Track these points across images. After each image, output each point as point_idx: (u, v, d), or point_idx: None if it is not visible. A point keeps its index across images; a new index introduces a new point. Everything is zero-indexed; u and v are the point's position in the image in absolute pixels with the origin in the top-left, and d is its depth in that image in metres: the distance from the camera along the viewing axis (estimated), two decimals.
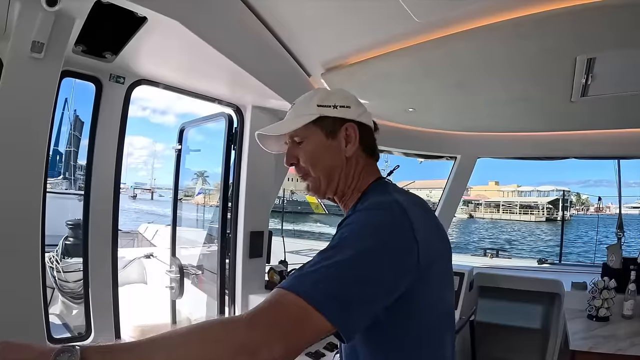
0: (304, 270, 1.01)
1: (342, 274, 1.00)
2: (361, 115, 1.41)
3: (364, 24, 2.42)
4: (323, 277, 0.98)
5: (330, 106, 1.39)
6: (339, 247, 1.05)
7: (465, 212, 69.19)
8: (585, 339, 3.14)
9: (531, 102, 3.34)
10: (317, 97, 1.42)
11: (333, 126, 1.39)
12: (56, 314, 3.88)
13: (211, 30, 2.13)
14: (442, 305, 1.28)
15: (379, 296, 1.05)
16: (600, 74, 2.58)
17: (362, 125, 1.41)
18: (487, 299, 4.79)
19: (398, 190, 1.33)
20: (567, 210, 63.31)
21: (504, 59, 2.57)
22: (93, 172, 2.67)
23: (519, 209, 65.29)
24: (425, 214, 1.23)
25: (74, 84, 2.73)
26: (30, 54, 1.82)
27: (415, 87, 3.19)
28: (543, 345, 4.64)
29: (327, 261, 1.01)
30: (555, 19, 2.02)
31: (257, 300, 3.24)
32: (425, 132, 4.47)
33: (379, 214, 1.15)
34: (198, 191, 7.35)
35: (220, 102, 3.24)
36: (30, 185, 1.94)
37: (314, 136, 1.41)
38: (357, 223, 1.13)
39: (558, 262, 6.21)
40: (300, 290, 0.95)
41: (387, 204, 1.18)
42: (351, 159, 1.40)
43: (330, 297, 0.96)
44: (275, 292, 0.98)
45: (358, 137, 1.39)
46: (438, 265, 1.20)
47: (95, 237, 2.70)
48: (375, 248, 1.06)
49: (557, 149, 4.49)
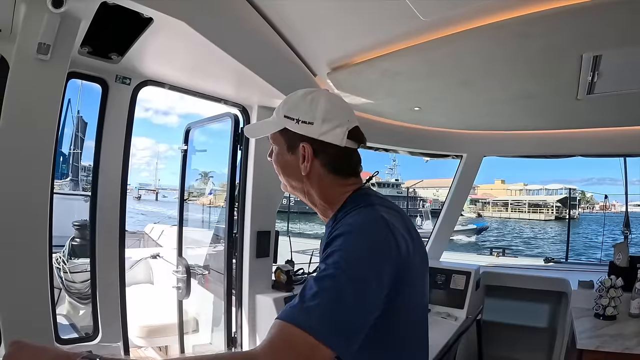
0: (306, 302, 1.04)
1: (344, 307, 1.05)
2: (325, 133, 1.34)
3: (370, 23, 2.41)
4: (327, 312, 1.03)
5: (294, 119, 1.36)
6: (335, 277, 1.08)
7: (473, 211, 68.93)
8: (592, 337, 3.12)
9: (537, 100, 3.31)
10: (286, 107, 1.41)
11: (293, 141, 1.39)
12: (63, 315, 3.88)
13: (217, 31, 2.13)
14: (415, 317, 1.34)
15: (373, 317, 1.12)
16: (606, 71, 2.56)
17: (325, 144, 1.36)
18: (494, 298, 4.78)
19: (380, 201, 1.34)
20: (575, 208, 62.94)
21: (509, 57, 2.55)
22: (100, 172, 2.68)
23: (527, 207, 64.98)
24: (406, 227, 1.29)
25: (77, 85, 2.73)
26: (36, 56, 1.82)
27: (421, 85, 3.18)
28: (550, 344, 4.62)
29: (327, 294, 1.05)
30: (561, 16, 2.01)
31: (263, 300, 3.25)
32: (431, 130, 4.46)
33: (368, 238, 1.18)
34: (209, 191, 7.37)
35: (227, 102, 3.24)
36: (37, 187, 1.94)
37: (279, 146, 1.44)
38: (349, 251, 1.14)
39: (564, 261, 6.17)
40: (307, 326, 0.99)
41: (374, 224, 1.21)
42: (311, 176, 1.40)
43: (337, 331, 1.02)
44: (285, 329, 1.01)
45: (310, 158, 1.36)
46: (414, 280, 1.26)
47: (102, 237, 2.71)
48: (369, 275, 1.11)
49: (563, 147, 4.47)
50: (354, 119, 1.42)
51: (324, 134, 1.34)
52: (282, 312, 1.05)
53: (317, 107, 1.36)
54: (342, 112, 1.39)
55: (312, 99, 1.38)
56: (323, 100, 1.37)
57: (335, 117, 1.36)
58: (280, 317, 1.03)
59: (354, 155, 1.44)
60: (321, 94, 1.40)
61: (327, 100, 1.38)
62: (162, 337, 4.51)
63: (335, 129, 1.35)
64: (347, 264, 1.10)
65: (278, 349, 0.99)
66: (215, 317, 3.99)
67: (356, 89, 3.28)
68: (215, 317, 3.99)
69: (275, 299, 3.24)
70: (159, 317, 4.56)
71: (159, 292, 5.56)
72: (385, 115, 4.04)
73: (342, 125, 1.36)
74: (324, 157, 1.37)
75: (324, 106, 1.36)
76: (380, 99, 3.53)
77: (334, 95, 1.44)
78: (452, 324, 3.69)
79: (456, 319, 3.81)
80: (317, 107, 1.36)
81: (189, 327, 4.19)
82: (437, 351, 2.80)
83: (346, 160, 1.42)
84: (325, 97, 1.39)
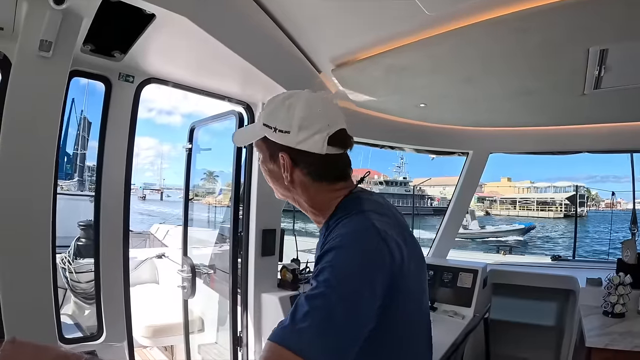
0: (297, 322, 1.03)
1: (335, 326, 1.03)
2: (302, 142, 1.29)
3: (374, 18, 2.39)
4: (318, 332, 1.01)
5: (272, 128, 1.33)
6: (326, 296, 1.06)
7: (481, 209, 68.77)
8: (601, 335, 3.10)
9: (542, 96, 3.30)
10: (265, 114, 1.37)
11: (273, 150, 1.37)
12: (68, 314, 3.89)
13: (220, 27, 2.12)
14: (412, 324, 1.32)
15: (367, 330, 1.10)
16: (613, 65, 2.53)
17: (303, 152, 1.31)
18: (501, 297, 4.75)
19: (372, 206, 1.31)
20: (583, 206, 62.65)
21: (515, 51, 2.52)
22: (103, 172, 2.67)
23: (536, 205, 64.70)
24: (400, 233, 1.27)
25: (81, 84, 2.72)
26: (38, 53, 1.82)
27: (426, 81, 3.15)
28: (558, 342, 4.60)
29: (318, 313, 1.03)
30: (567, 9, 1.98)
31: (269, 299, 3.24)
32: (436, 127, 4.43)
33: (360, 254, 1.15)
34: (219, 191, 7.37)
35: (231, 100, 3.22)
36: (39, 186, 1.94)
37: (262, 154, 1.43)
38: (340, 267, 1.12)
39: (572, 259, 6.14)
40: (298, 348, 0.98)
41: (366, 236, 1.18)
42: (295, 185, 1.37)
43: (328, 351, 1.01)
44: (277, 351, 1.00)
45: (289, 168, 1.34)
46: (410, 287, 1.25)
47: (106, 237, 2.70)
48: (361, 289, 1.09)
49: (569, 143, 4.44)
50: (337, 121, 1.35)
51: (301, 143, 1.30)
52: (273, 333, 1.04)
53: (294, 115, 1.30)
54: (320, 117, 1.32)
55: (289, 105, 1.33)
56: (300, 106, 1.32)
57: (313, 123, 1.30)
58: (271, 339, 1.03)
59: (340, 160, 1.39)
60: (299, 99, 1.33)
61: (305, 105, 1.32)
62: (167, 336, 4.52)
63: (313, 137, 1.29)
64: (337, 280, 1.08)
65: None
66: (220, 317, 3.99)
67: (361, 85, 3.26)
68: (220, 317, 3.99)
69: (281, 297, 3.23)
70: (164, 317, 4.56)
71: (165, 292, 5.56)
72: (390, 112, 4.02)
73: (322, 131, 1.30)
74: (305, 166, 1.34)
75: (301, 113, 1.30)
76: (385, 96, 3.51)
77: (315, 98, 1.36)
78: (460, 322, 3.67)
79: (463, 317, 3.78)
80: (294, 115, 1.30)
81: (194, 327, 4.19)
82: (444, 350, 2.79)
83: (330, 167, 1.36)
84: (303, 103, 1.33)
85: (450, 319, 3.76)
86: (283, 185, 1.39)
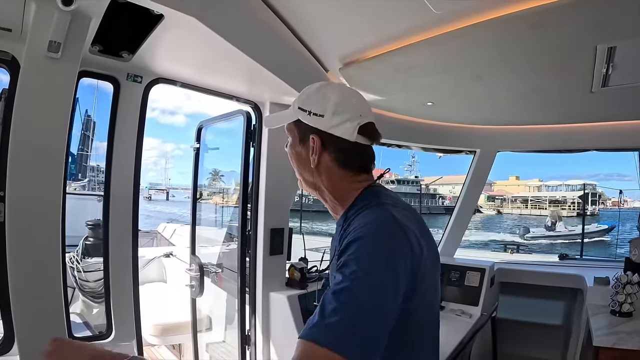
0: (326, 318, 1.03)
1: (365, 320, 1.04)
2: (335, 127, 1.35)
3: (382, 17, 2.38)
4: (348, 326, 1.01)
5: (306, 111, 1.38)
6: (353, 290, 1.07)
7: (492, 208, 68.46)
8: (608, 334, 3.08)
9: (551, 94, 3.28)
10: (301, 99, 1.42)
11: (305, 133, 1.40)
12: (77, 313, 3.91)
13: (228, 27, 2.12)
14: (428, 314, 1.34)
15: (393, 322, 1.10)
16: (621, 63, 2.52)
17: (334, 137, 1.37)
18: (509, 295, 4.74)
19: (391, 200, 1.34)
20: (595, 204, 62.25)
21: (523, 49, 2.51)
22: (112, 172, 2.68)
23: (548, 204, 64.32)
24: (417, 226, 1.28)
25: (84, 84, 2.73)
26: (47, 54, 1.83)
27: (434, 80, 3.15)
28: (565, 341, 4.59)
29: (347, 308, 1.04)
30: (575, 6, 1.97)
31: (277, 298, 3.25)
32: (443, 126, 4.43)
33: (383, 244, 1.16)
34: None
35: (238, 99, 3.22)
36: (49, 186, 1.95)
37: (292, 137, 1.46)
38: (365, 260, 1.13)
39: (579, 257, 6.12)
40: (330, 344, 0.98)
41: (387, 227, 1.20)
42: (319, 169, 1.40)
43: (360, 346, 1.01)
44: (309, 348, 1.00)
45: (318, 150, 1.38)
46: (427, 279, 1.25)
47: (115, 237, 2.71)
48: (385, 283, 1.10)
49: (577, 141, 4.42)
50: (368, 115, 1.41)
51: (333, 127, 1.35)
52: (304, 331, 1.04)
53: (329, 100, 1.37)
54: (354, 107, 1.39)
55: (325, 92, 1.39)
56: (335, 93, 1.39)
57: (346, 110, 1.37)
58: (302, 336, 1.03)
59: (366, 152, 1.44)
60: (335, 88, 1.41)
61: (340, 93, 1.39)
62: (175, 335, 4.53)
63: (345, 123, 1.35)
64: (364, 272, 1.09)
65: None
66: (228, 315, 4.00)
67: (368, 84, 3.25)
68: (228, 315, 4.00)
69: (289, 296, 3.23)
70: (172, 316, 4.58)
71: (172, 291, 5.59)
72: (398, 111, 4.02)
73: (353, 119, 1.36)
74: (333, 151, 1.38)
75: (335, 99, 1.37)
76: (392, 94, 3.51)
77: (349, 90, 1.44)
78: (467, 321, 3.66)
79: (471, 316, 3.78)
80: (329, 100, 1.37)
81: (202, 326, 4.20)
82: (452, 349, 2.78)
83: (356, 156, 1.41)
84: (338, 91, 1.40)
85: (457, 318, 3.75)
86: (309, 169, 1.42)
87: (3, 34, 2.01)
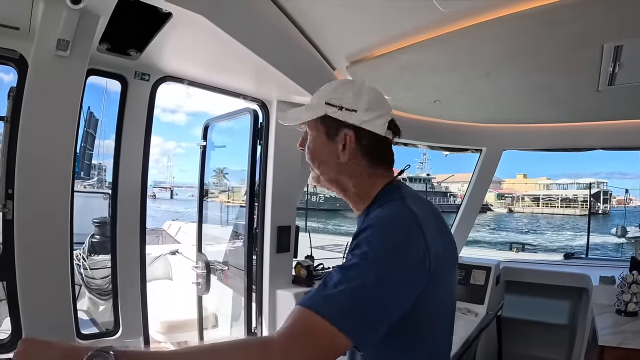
0: (328, 289, 1.05)
1: (366, 298, 1.04)
2: (368, 122, 1.36)
3: (389, 15, 2.38)
4: (349, 301, 1.03)
5: (336, 107, 1.36)
6: (361, 267, 1.08)
7: (503, 206, 68.27)
8: (614, 334, 3.08)
9: (557, 92, 3.28)
10: (328, 94, 1.40)
11: (334, 128, 1.39)
12: (83, 310, 3.93)
13: (236, 25, 2.12)
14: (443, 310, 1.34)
15: (396, 313, 1.11)
16: (627, 62, 2.52)
17: (367, 132, 1.37)
18: (514, 294, 4.73)
19: (411, 195, 1.34)
20: (607, 203, 61.99)
21: (530, 47, 2.51)
22: (120, 169, 2.68)
23: (560, 202, 64.15)
24: (436, 221, 1.30)
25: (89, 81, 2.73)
26: (55, 52, 1.83)
27: (441, 78, 3.14)
28: (570, 340, 4.58)
29: (350, 283, 1.05)
30: (582, 4, 1.97)
31: (284, 295, 3.25)
32: (450, 124, 4.42)
33: (397, 233, 1.17)
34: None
35: (245, 97, 3.22)
36: (58, 184, 1.96)
37: (317, 133, 1.43)
38: (377, 243, 1.14)
39: (585, 256, 6.10)
40: (328, 314, 1.00)
41: (403, 218, 1.21)
42: (349, 165, 1.39)
43: (357, 321, 1.02)
44: (304, 315, 1.02)
45: (353, 145, 1.37)
46: (444, 274, 1.25)
47: (123, 234, 2.72)
48: (395, 270, 1.10)
49: (584, 140, 4.42)
50: (391, 112, 1.43)
51: (366, 122, 1.35)
52: (303, 299, 1.05)
53: (362, 96, 1.36)
54: (385, 103, 1.42)
55: (357, 87, 1.39)
56: (367, 89, 1.39)
57: (379, 107, 1.38)
58: (300, 304, 1.04)
59: (390, 147, 1.46)
60: (363, 85, 1.40)
61: (371, 89, 1.40)
62: (181, 332, 4.54)
63: (378, 119, 1.37)
64: (374, 254, 1.10)
65: (296, 335, 1.00)
66: (234, 313, 4.01)
67: (376, 82, 3.18)
68: (234, 313, 4.01)
69: (296, 294, 3.24)
70: (178, 313, 4.59)
71: (178, 288, 5.60)
72: (404, 109, 4.01)
73: (385, 115, 1.39)
74: (364, 146, 1.38)
75: (369, 95, 1.37)
76: (399, 93, 3.50)
77: (375, 88, 1.44)
78: (472, 319, 3.66)
79: (476, 314, 3.77)
80: (362, 96, 1.36)
81: (208, 323, 4.21)
82: (457, 347, 2.79)
83: (385, 151, 1.43)
84: (369, 87, 1.40)
85: (463, 316, 3.75)
86: (332, 165, 1.41)
87: (11, 33, 2.01)
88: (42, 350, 0.95)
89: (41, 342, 0.97)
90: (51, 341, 0.97)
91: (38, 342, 0.97)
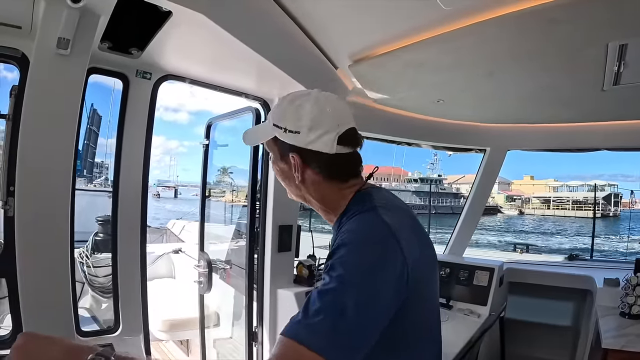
0: (309, 318, 1.04)
1: (347, 322, 1.03)
2: (312, 142, 1.30)
3: (391, 13, 2.37)
4: (330, 327, 1.02)
5: (282, 129, 1.33)
6: (337, 292, 1.07)
7: (513, 208, 68.01)
8: (617, 337, 3.06)
9: (562, 92, 3.26)
10: (275, 114, 1.38)
11: (284, 150, 1.37)
12: (86, 308, 3.93)
13: (237, 23, 2.12)
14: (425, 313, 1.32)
15: (379, 331, 1.10)
16: (632, 61, 2.50)
17: (313, 153, 1.32)
18: (517, 295, 4.70)
19: (382, 202, 1.31)
20: (617, 205, 61.69)
21: (534, 47, 2.50)
22: (121, 168, 2.69)
23: (571, 204, 63.89)
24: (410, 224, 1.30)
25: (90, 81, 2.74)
26: (56, 51, 1.84)
27: (444, 77, 3.12)
28: (574, 343, 4.55)
29: (328, 311, 1.04)
30: (586, 2, 1.96)
31: (285, 294, 3.25)
32: (453, 124, 4.40)
33: (371, 249, 1.16)
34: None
35: (247, 96, 3.22)
36: (59, 182, 1.97)
37: (273, 154, 1.44)
38: (351, 264, 1.12)
39: (589, 258, 6.07)
40: (311, 343, 0.99)
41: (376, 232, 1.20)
42: (306, 184, 1.38)
43: (340, 347, 1.02)
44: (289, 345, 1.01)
45: (300, 168, 1.34)
46: (423, 282, 1.25)
47: (124, 233, 2.72)
48: (372, 291, 1.09)
49: (588, 140, 4.39)
50: (346, 121, 1.36)
51: (311, 143, 1.31)
52: (286, 328, 1.05)
53: (303, 115, 1.31)
54: (330, 117, 1.33)
55: (298, 105, 1.34)
56: (309, 106, 1.32)
57: (322, 124, 1.31)
58: (284, 333, 1.03)
59: (351, 159, 1.39)
60: (308, 99, 1.34)
61: (314, 106, 1.33)
62: (183, 331, 4.55)
63: (322, 137, 1.30)
64: (349, 275, 1.09)
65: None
66: (236, 312, 4.01)
67: (378, 81, 3.24)
68: (236, 312, 4.01)
69: (297, 293, 3.24)
70: (180, 311, 4.59)
71: (181, 287, 5.61)
72: (407, 109, 3.99)
73: (331, 131, 1.31)
74: (316, 166, 1.35)
75: (310, 114, 1.31)
76: (402, 92, 3.49)
77: (324, 98, 1.37)
78: (475, 320, 3.64)
79: (479, 315, 3.75)
80: (303, 115, 1.31)
81: (210, 321, 4.21)
82: (459, 348, 2.77)
83: (340, 166, 1.37)
84: (312, 103, 1.33)
85: (465, 317, 3.73)
86: (294, 184, 1.40)
87: (13, 31, 2.02)
88: (44, 346, 0.95)
89: (43, 337, 0.97)
90: (53, 337, 0.97)
91: (40, 337, 0.97)
